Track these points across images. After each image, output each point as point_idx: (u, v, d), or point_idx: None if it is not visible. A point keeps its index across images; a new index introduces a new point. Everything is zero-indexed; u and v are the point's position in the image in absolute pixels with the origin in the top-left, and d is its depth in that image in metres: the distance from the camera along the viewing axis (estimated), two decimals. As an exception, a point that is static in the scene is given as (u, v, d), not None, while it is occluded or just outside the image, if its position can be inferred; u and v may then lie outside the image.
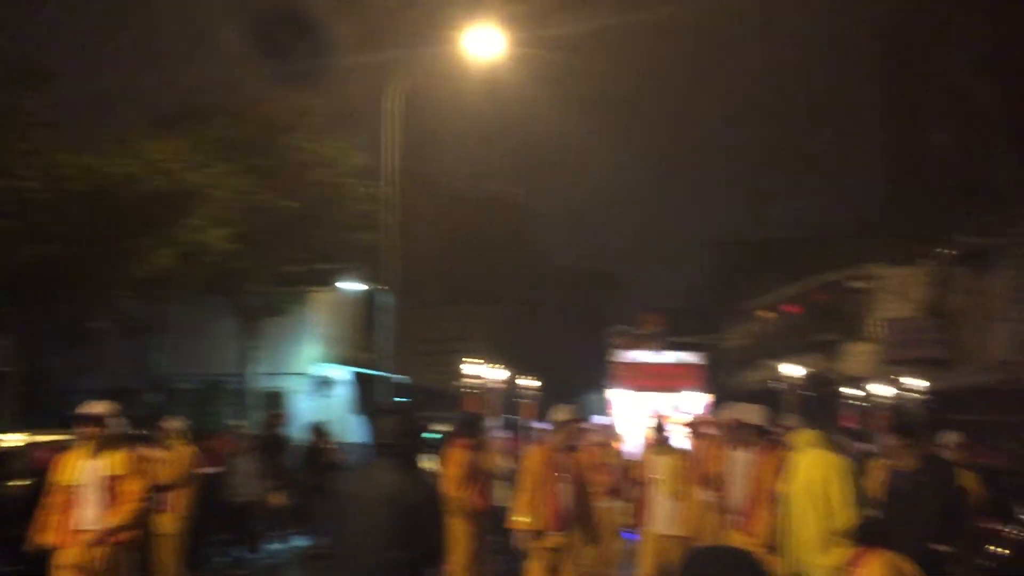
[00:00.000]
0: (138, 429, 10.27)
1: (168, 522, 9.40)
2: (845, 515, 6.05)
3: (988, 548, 8.87)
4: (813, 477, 6.35)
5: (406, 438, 4.34)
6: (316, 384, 24.60)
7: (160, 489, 9.32)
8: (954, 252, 21.96)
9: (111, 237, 14.93)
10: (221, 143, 15.59)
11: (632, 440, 14.43)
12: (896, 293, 29.51)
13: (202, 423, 18.31)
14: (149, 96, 45.89)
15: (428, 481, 4.72)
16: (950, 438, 9.23)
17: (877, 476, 7.12)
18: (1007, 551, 8.90)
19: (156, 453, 9.56)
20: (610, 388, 18.78)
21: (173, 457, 9.62)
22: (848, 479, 6.36)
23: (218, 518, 12.03)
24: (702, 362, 19.50)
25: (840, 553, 5.23)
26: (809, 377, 13.46)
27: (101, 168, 14.75)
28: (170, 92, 39.59)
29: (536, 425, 14.32)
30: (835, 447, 6.65)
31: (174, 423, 10.03)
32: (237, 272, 17.43)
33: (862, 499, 6.30)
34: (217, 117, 16.35)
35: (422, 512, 4.03)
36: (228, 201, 15.74)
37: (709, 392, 18.95)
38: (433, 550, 4.08)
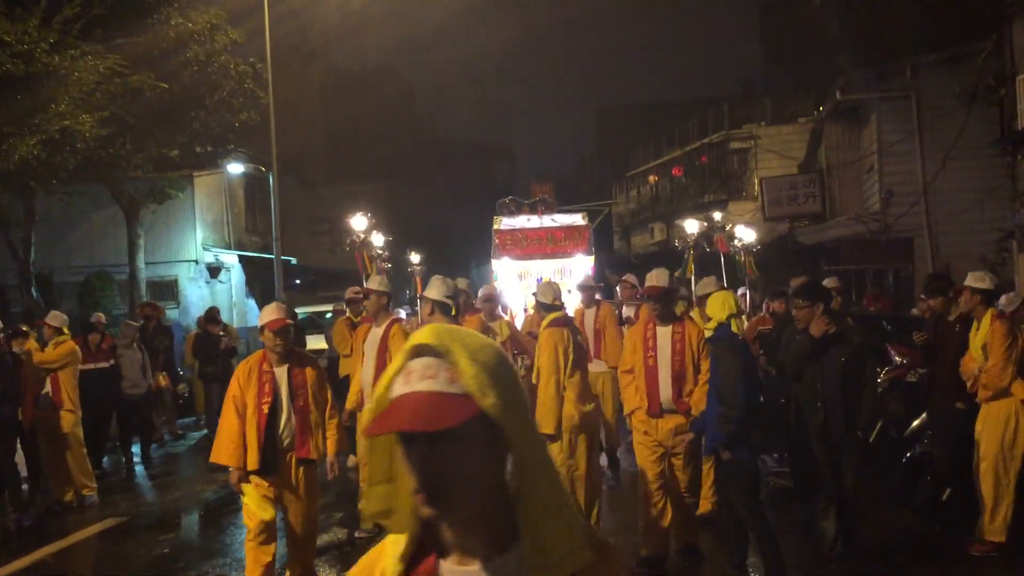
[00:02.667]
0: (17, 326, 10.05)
1: (65, 421, 9.30)
2: None
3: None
4: None
5: None
6: (206, 270, 24.17)
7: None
8: (828, 109, 22.56)
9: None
10: (78, 21, 14.52)
11: (517, 310, 14.40)
12: (776, 152, 30.43)
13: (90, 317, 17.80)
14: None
15: None
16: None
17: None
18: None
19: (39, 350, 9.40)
20: (494, 257, 17.20)
21: (57, 354, 9.38)
22: None
23: (113, 414, 11.94)
24: (587, 223, 18.03)
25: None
26: (699, 237, 13.87)
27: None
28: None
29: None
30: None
31: (56, 318, 9.76)
32: (112, 158, 16.67)
33: None
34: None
35: None
36: (93, 84, 14.85)
37: (596, 255, 17.75)
38: None
